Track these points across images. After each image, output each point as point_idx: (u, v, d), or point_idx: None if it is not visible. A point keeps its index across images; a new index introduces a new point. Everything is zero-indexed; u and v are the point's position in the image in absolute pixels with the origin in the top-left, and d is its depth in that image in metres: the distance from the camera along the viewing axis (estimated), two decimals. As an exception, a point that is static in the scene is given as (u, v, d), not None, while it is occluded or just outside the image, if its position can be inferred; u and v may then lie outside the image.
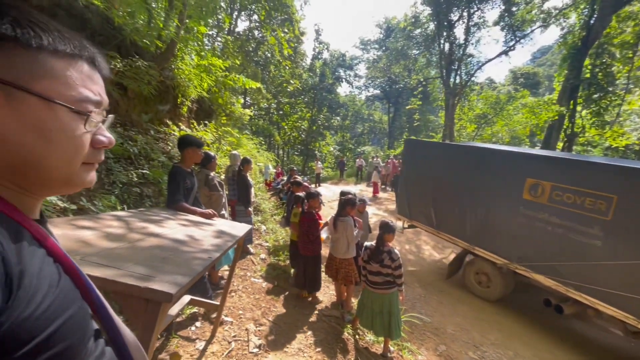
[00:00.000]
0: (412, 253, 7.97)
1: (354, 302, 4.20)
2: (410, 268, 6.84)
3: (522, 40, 17.21)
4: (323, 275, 4.35)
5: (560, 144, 14.98)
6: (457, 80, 18.37)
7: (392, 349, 3.53)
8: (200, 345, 2.70)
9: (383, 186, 15.34)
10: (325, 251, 4.43)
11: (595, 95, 14.31)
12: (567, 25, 15.28)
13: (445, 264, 7.07)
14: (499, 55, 18.03)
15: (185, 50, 6.16)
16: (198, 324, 3.00)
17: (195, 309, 3.18)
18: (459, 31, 17.64)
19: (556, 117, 12.68)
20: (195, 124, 6.49)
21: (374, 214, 10.62)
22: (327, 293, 4.53)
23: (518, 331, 4.95)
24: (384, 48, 27.99)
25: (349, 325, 3.71)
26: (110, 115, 0.56)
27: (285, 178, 11.22)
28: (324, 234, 4.24)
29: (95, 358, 0.51)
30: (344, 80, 28.63)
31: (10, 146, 0.42)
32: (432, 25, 18.79)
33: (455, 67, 18.26)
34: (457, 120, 16.97)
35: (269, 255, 5.31)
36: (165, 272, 1.19)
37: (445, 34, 17.80)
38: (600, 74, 14.19)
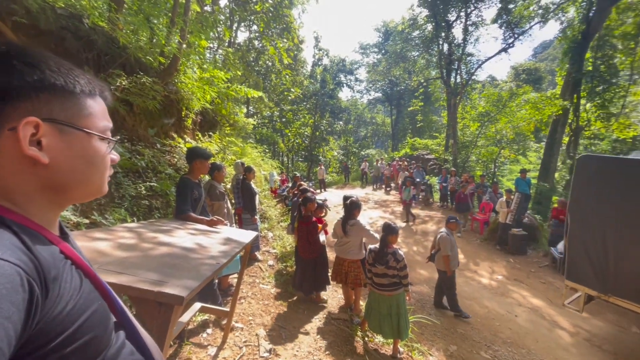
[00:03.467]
0: (420, 254, 7.95)
1: (362, 304, 4.23)
2: (419, 270, 6.83)
3: (521, 37, 17.21)
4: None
5: (566, 139, 14.86)
6: (458, 80, 18.39)
7: (401, 349, 3.55)
8: (212, 351, 2.76)
9: (388, 188, 15.34)
10: (330, 255, 4.49)
11: (599, 88, 14.21)
12: (566, 20, 15.24)
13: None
14: (499, 52, 18.02)
15: (188, 64, 6.33)
16: (209, 330, 3.07)
17: (206, 316, 3.25)
18: (457, 31, 17.76)
19: (560, 112, 12.59)
20: (200, 136, 6.63)
21: (380, 217, 10.62)
22: (335, 297, 4.57)
23: (530, 329, 4.92)
24: (383, 51, 28.15)
25: (358, 328, 3.75)
26: (116, 137, 0.66)
27: (290, 185, 11.31)
28: (323, 238, 4.29)
29: (117, 348, 0.60)
30: (345, 85, 28.79)
31: (63, 171, 0.54)
32: (430, 27, 18.91)
33: (455, 67, 18.29)
34: (460, 119, 16.96)
35: (276, 261, 5.37)
36: (176, 278, 1.26)
37: (443, 34, 17.88)
38: (602, 66, 14.11)
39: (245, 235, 2.55)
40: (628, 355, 4.40)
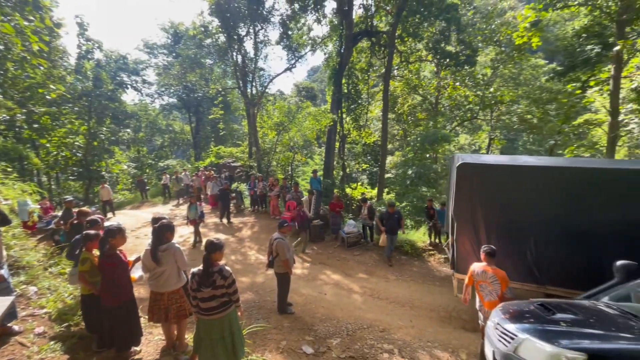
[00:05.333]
0: (239, 262, 7.97)
1: (188, 337, 3.73)
2: (240, 278, 6.81)
3: (300, 60, 20.60)
4: (143, 321, 3.61)
5: (337, 144, 19.09)
6: (254, 91, 19.75)
7: (239, 368, 3.39)
8: None
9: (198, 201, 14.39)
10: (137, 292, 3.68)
11: (352, 106, 19.18)
12: (327, 51, 19.58)
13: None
14: (285, 71, 20.82)
15: None
16: None
17: None
18: (249, 46, 19.02)
19: (332, 123, 16.06)
20: None
21: (192, 233, 9.79)
22: (151, 341, 3.79)
23: (336, 301, 5.96)
24: (174, 54, 26.10)
25: (187, 367, 3.26)
26: None
27: (59, 213, 8.41)
28: (136, 273, 3.50)
29: None
30: (129, 86, 24.58)
31: None
32: (222, 37, 19.20)
33: (250, 79, 19.55)
34: (260, 128, 18.31)
35: (51, 324, 3.84)
36: None
37: (236, 47, 18.65)
38: (352, 90, 19.12)
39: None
40: (396, 298, 6.19)
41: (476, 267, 4.40)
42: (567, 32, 15.60)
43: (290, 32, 18.58)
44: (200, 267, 3.11)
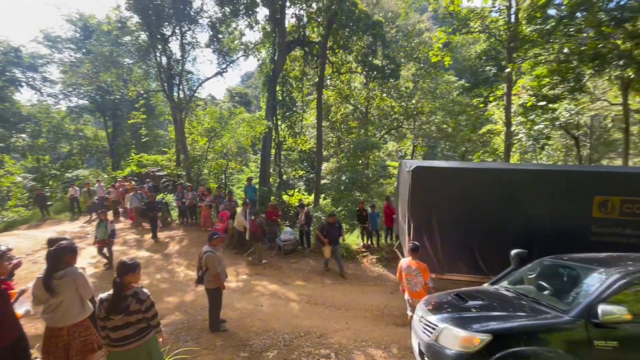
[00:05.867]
0: (165, 281, 7.27)
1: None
2: (167, 298, 6.21)
3: (231, 65, 19.93)
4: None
5: (273, 151, 18.89)
6: (182, 95, 18.45)
7: (160, 401, 3.04)
8: None
9: (116, 215, 12.79)
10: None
11: (287, 113, 19.23)
12: (261, 58, 19.37)
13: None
14: (215, 75, 19.84)
15: None
16: None
17: None
18: (175, 47, 17.72)
19: (267, 130, 15.85)
20: None
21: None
22: (48, 386, 3.17)
23: (273, 312, 5.80)
24: (84, 50, 23.02)
25: (95, 410, 2.81)
26: None
27: None
28: (20, 309, 2.90)
29: None
30: (24, 84, 20.93)
31: None
32: (143, 35, 17.59)
33: (177, 82, 18.22)
34: (189, 134, 17.17)
35: None
36: None
37: (160, 47, 17.24)
38: (287, 97, 19.19)
39: None
40: (332, 302, 6.29)
41: (403, 262, 4.72)
42: (471, 54, 18.05)
43: (220, 36, 17.90)
44: (110, 292, 2.72)
